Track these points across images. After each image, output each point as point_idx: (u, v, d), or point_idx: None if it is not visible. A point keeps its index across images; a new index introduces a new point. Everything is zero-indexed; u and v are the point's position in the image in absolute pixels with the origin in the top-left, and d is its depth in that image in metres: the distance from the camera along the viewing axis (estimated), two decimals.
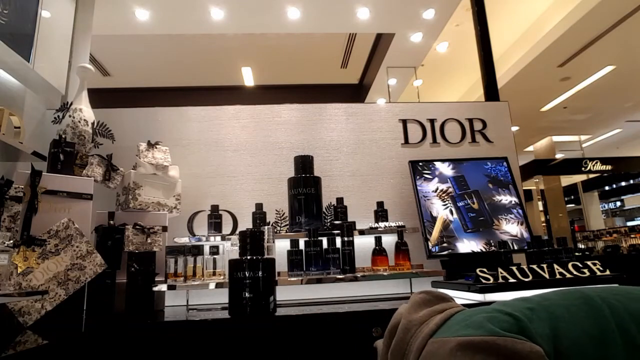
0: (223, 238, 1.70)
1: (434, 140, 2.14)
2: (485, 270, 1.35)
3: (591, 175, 10.87)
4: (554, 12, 4.95)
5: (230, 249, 1.61)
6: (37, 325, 1.22)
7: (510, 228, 1.80)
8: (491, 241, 1.75)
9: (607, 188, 13.21)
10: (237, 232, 1.45)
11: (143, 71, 5.28)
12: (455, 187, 1.88)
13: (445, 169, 1.92)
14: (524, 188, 2.58)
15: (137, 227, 1.57)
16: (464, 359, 0.51)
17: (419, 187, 1.86)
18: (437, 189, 1.87)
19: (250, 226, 1.74)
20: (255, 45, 4.77)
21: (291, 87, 5.66)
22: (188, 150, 2.01)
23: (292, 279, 1.56)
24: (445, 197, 1.85)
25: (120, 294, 1.49)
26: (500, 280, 1.32)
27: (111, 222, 1.59)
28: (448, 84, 6.79)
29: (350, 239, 1.63)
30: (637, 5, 4.30)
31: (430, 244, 1.74)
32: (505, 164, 1.98)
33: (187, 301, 1.66)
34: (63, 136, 1.60)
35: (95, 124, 1.74)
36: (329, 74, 5.49)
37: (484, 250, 1.73)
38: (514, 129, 7.68)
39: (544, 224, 10.40)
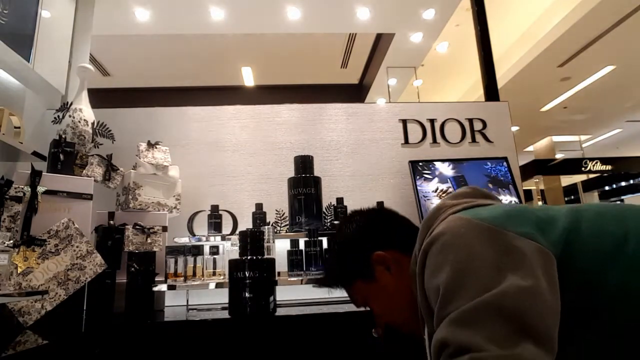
0: (223, 238, 1.70)
1: (434, 140, 2.14)
2: None
3: (591, 175, 10.87)
4: (554, 12, 4.95)
5: (230, 249, 1.61)
6: (37, 325, 1.22)
7: None
8: None
9: (607, 188, 13.19)
10: (237, 232, 1.45)
11: (143, 71, 5.27)
12: (455, 187, 1.88)
13: (445, 169, 1.92)
14: (524, 188, 2.57)
15: (137, 227, 1.57)
16: (468, 235, 0.58)
17: (419, 187, 1.86)
18: (437, 189, 1.87)
19: (250, 226, 1.74)
20: (255, 45, 4.77)
21: (291, 87, 5.65)
22: (188, 150, 2.01)
23: (292, 279, 1.56)
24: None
25: (120, 294, 1.48)
26: None
27: (111, 222, 1.59)
28: (448, 84, 6.79)
29: None
30: (637, 5, 4.29)
31: None
32: (505, 164, 1.98)
33: (187, 301, 1.66)
34: (63, 136, 1.60)
35: (95, 124, 1.74)
36: (329, 74, 5.48)
37: None
38: (514, 129, 7.67)
39: None
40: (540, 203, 11.45)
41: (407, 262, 0.76)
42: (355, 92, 5.92)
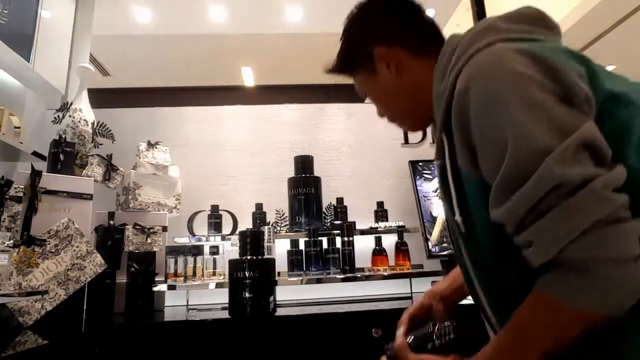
0: (223, 238, 1.70)
1: (434, 140, 2.14)
2: None
3: None
4: (554, 12, 4.95)
5: (230, 249, 1.61)
6: (37, 325, 1.22)
7: None
8: None
9: None
10: (237, 232, 1.45)
11: (143, 71, 5.27)
12: None
13: None
14: None
15: (137, 227, 1.57)
16: (514, 57, 0.56)
17: (419, 187, 1.86)
18: (438, 189, 1.87)
19: (250, 226, 1.74)
20: (255, 45, 4.76)
21: (291, 87, 5.65)
22: (188, 150, 2.01)
23: (292, 279, 1.56)
24: None
25: (120, 294, 1.49)
26: None
27: (111, 222, 1.59)
28: None
29: (350, 239, 1.63)
30: (637, 5, 4.29)
31: (430, 244, 1.74)
32: None
33: (187, 301, 1.66)
34: (63, 136, 1.60)
35: (95, 124, 1.74)
36: (329, 74, 5.48)
37: None
38: None
39: None
40: None
41: (411, 63, 0.75)
42: (356, 92, 5.92)
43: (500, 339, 0.57)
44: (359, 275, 1.58)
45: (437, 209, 1.81)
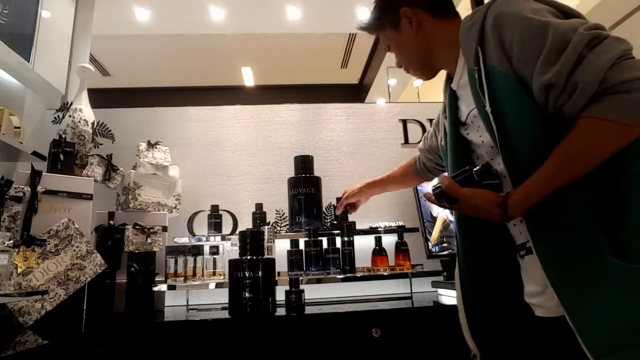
0: (223, 238, 1.70)
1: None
2: None
3: None
4: None
5: (230, 249, 1.61)
6: (37, 325, 1.22)
7: None
8: None
9: None
10: (237, 232, 1.45)
11: (143, 71, 5.27)
12: None
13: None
14: None
15: (137, 227, 1.57)
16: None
17: (419, 187, 1.86)
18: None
19: (250, 226, 1.74)
20: (255, 45, 4.77)
21: (291, 87, 5.65)
22: (188, 150, 2.01)
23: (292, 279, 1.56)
24: None
25: (120, 294, 1.49)
26: None
27: (111, 222, 1.59)
28: None
29: (350, 239, 1.63)
30: (637, 5, 4.30)
31: (430, 244, 1.74)
32: None
33: (187, 301, 1.66)
34: (63, 136, 1.60)
35: (95, 124, 1.74)
36: (329, 74, 5.47)
37: None
38: None
39: None
40: None
41: (429, 23, 0.97)
42: (355, 92, 5.91)
43: (544, 166, 0.69)
44: (359, 275, 1.58)
45: (437, 209, 1.81)
